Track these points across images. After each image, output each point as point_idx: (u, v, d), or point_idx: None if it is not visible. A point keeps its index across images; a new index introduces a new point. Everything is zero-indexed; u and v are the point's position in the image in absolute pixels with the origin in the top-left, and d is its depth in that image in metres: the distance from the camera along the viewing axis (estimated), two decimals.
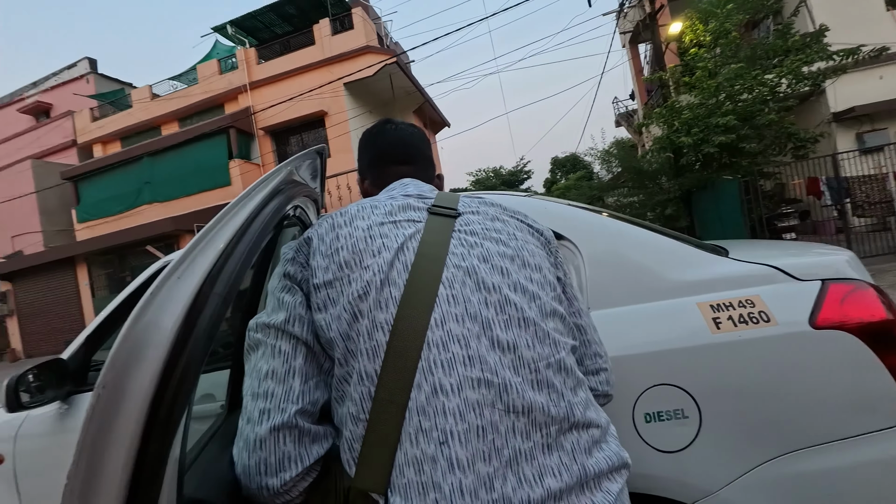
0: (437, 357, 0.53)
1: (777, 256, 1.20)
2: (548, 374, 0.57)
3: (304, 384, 0.57)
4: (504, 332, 0.57)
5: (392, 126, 0.88)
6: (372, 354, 0.54)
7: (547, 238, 0.75)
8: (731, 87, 6.10)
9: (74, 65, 15.94)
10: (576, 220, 1.22)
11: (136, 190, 12.05)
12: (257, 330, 0.61)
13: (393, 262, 0.59)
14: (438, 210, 0.68)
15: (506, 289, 0.60)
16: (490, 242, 0.65)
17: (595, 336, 0.77)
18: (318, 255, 0.62)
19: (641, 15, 8.09)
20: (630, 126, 13.94)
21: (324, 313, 0.58)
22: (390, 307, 0.56)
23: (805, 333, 0.95)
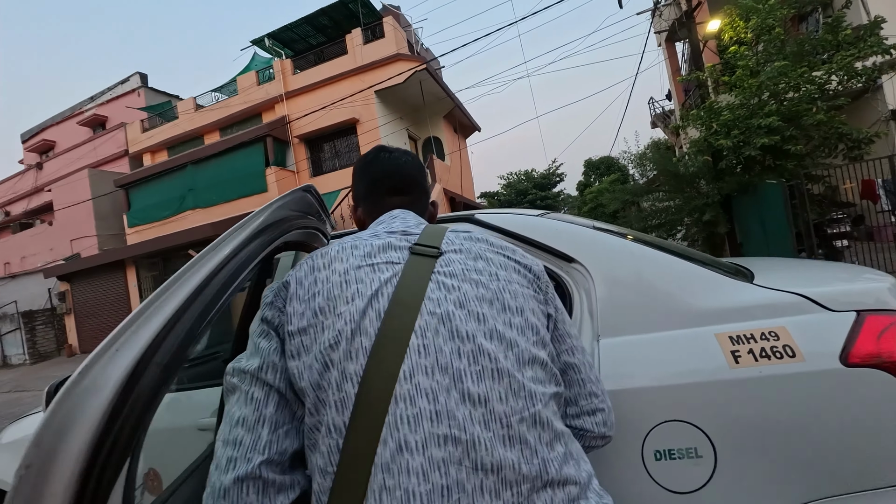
0: (403, 412, 0.52)
1: (808, 282, 1.11)
2: (521, 429, 0.54)
3: (273, 433, 0.57)
4: (476, 384, 0.55)
5: (386, 154, 0.87)
6: (341, 406, 0.54)
7: (535, 273, 0.72)
8: (776, 85, 5.76)
9: (127, 79, 17.03)
10: (588, 241, 1.18)
11: (180, 196, 12.70)
12: (233, 375, 0.61)
13: (366, 310, 0.58)
14: (420, 250, 0.66)
15: (481, 337, 0.58)
16: (469, 285, 0.63)
17: (591, 374, 0.74)
18: (294, 300, 0.62)
19: (677, 13, 7.79)
20: (666, 127, 13.45)
21: (297, 361, 0.58)
22: (360, 358, 0.55)
23: (835, 371, 0.87)
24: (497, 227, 1.23)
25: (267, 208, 0.71)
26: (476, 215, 1.28)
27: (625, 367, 0.98)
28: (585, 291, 1.11)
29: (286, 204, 0.78)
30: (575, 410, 0.71)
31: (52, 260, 14.61)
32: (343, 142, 12.28)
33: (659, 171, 7.90)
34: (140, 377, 0.45)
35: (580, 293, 1.12)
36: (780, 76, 5.60)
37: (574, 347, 0.73)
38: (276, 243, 0.73)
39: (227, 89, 13.94)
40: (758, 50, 6.30)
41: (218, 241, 0.60)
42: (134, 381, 0.44)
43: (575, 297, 1.12)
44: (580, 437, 0.70)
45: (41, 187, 16.79)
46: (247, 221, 0.66)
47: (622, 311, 1.06)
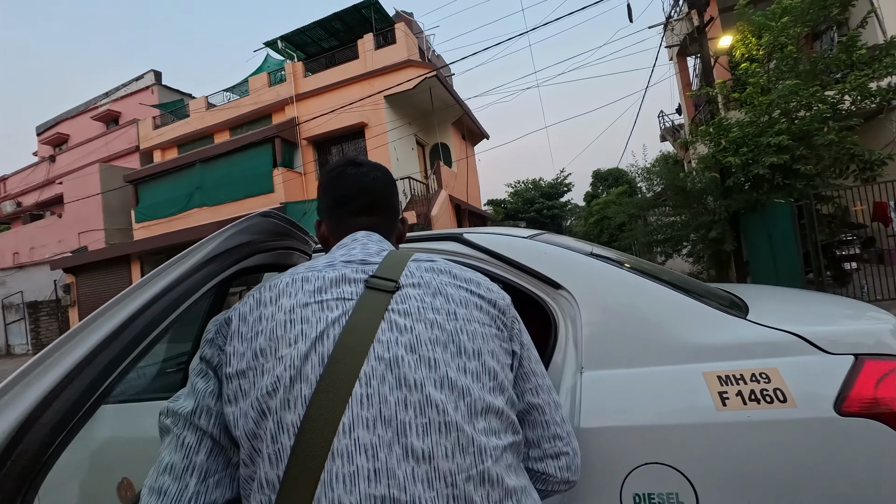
0: (339, 470, 0.48)
1: (804, 319, 1.06)
2: (467, 489, 0.50)
3: (201, 483, 0.53)
4: (420, 439, 0.51)
5: (354, 169, 0.80)
6: (275, 459, 0.50)
7: (500, 308, 0.67)
8: (787, 104, 5.69)
9: (142, 76, 17.26)
10: (576, 267, 1.14)
11: (188, 194, 12.78)
12: (167, 416, 0.58)
13: (308, 355, 0.53)
14: (376, 283, 0.61)
15: (430, 386, 0.54)
16: (423, 325, 0.58)
17: (556, 415, 0.70)
18: (236, 338, 0.57)
19: (689, 28, 7.75)
20: (676, 141, 13.35)
21: (233, 407, 0.54)
22: (298, 408, 0.50)
23: (828, 420, 0.82)
24: (484, 248, 1.19)
25: (218, 236, 0.68)
26: (464, 234, 1.25)
27: (607, 404, 0.94)
28: (571, 320, 1.07)
29: (243, 230, 0.74)
30: (537, 453, 0.67)
31: (60, 252, 14.76)
32: (351, 145, 12.32)
33: (666, 185, 7.82)
34: (20, 441, 0.41)
35: (566, 321, 1.07)
36: (792, 94, 5.53)
37: (539, 387, 0.69)
38: (231, 269, 0.70)
39: (239, 90, 14.07)
40: (769, 67, 6.24)
41: (156, 273, 0.56)
42: (12, 448, 0.41)
43: (560, 325, 1.08)
44: (543, 481, 0.67)
45: (53, 179, 17.02)
46: (192, 251, 0.62)
47: (608, 343, 1.01)
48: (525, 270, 1.13)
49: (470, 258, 1.19)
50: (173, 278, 0.57)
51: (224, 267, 0.68)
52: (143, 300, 0.54)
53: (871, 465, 0.80)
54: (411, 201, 10.95)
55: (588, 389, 0.95)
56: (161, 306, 0.56)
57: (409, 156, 12.43)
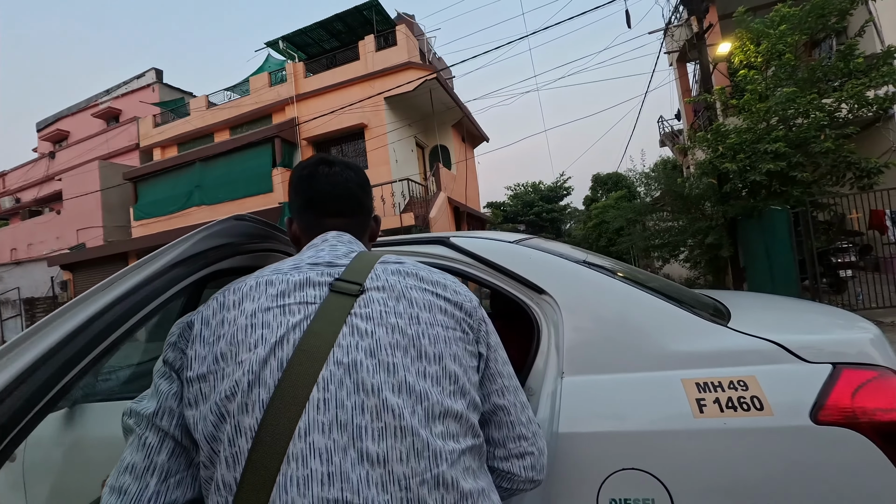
0: (294, 473, 0.48)
1: (785, 328, 1.07)
2: (421, 493, 0.51)
3: (162, 482, 0.54)
4: (375, 443, 0.51)
5: (326, 169, 0.79)
6: (232, 462, 0.50)
7: (466, 311, 0.68)
8: (784, 111, 5.71)
9: (143, 74, 17.29)
10: (561, 273, 1.14)
11: (187, 192, 12.79)
12: (130, 416, 0.58)
13: (267, 359, 0.54)
14: (340, 287, 0.62)
15: (387, 390, 0.54)
16: (384, 329, 0.59)
17: (522, 416, 0.70)
18: (198, 342, 0.58)
19: (689, 34, 7.78)
20: (675, 146, 13.39)
21: (193, 410, 0.55)
22: (256, 411, 0.51)
23: (804, 428, 0.82)
24: (470, 252, 1.20)
25: (186, 241, 0.68)
26: (450, 238, 1.25)
27: (586, 409, 0.94)
28: (554, 325, 1.07)
29: (216, 233, 0.74)
30: (503, 453, 0.68)
31: (58, 249, 14.75)
32: (351, 146, 12.33)
33: (664, 190, 7.85)
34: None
35: (549, 326, 1.08)
36: (789, 102, 5.55)
37: (505, 388, 0.69)
38: (202, 272, 0.70)
39: (240, 89, 14.09)
40: (767, 75, 6.26)
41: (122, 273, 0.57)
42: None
43: (543, 330, 1.08)
44: (508, 480, 0.68)
45: (52, 176, 17.02)
46: (157, 255, 0.62)
47: (589, 349, 1.02)
48: (509, 275, 1.14)
49: (456, 262, 1.20)
50: (139, 280, 0.57)
51: (194, 270, 0.68)
52: (106, 300, 0.55)
53: (846, 475, 0.80)
54: (410, 203, 10.96)
55: (568, 395, 0.96)
56: (125, 307, 0.57)
57: (409, 157, 12.44)
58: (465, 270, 1.18)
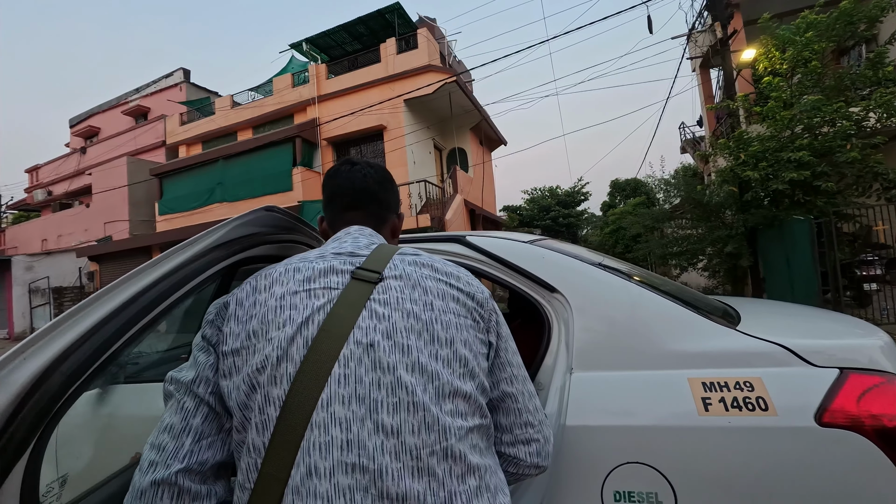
0: (317, 439, 0.54)
1: (795, 332, 1.08)
2: (430, 462, 0.56)
3: (195, 443, 0.59)
4: (390, 416, 0.56)
5: (347, 168, 0.87)
6: (262, 428, 0.56)
7: (478, 301, 0.72)
8: (809, 119, 5.59)
9: (171, 74, 17.78)
10: (572, 272, 1.18)
11: (209, 189, 13.11)
12: (170, 382, 0.65)
13: (294, 337, 0.59)
14: (361, 274, 0.67)
15: (401, 369, 0.59)
16: (400, 314, 0.63)
17: (529, 404, 0.74)
18: (233, 320, 0.64)
19: (712, 40, 7.68)
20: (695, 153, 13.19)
21: (227, 380, 0.60)
22: (283, 383, 0.56)
23: (808, 429, 0.84)
24: (484, 251, 1.24)
25: (223, 227, 0.75)
26: (466, 237, 1.30)
27: (593, 404, 0.97)
28: (564, 322, 1.10)
29: (248, 222, 0.81)
30: (509, 438, 0.72)
31: (86, 240, 15.27)
32: (369, 147, 12.48)
33: (684, 197, 7.74)
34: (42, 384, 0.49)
35: (559, 323, 1.11)
36: (815, 110, 5.44)
37: (514, 377, 0.73)
38: (234, 258, 0.76)
39: (263, 89, 14.39)
40: (793, 82, 6.15)
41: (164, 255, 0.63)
42: (36, 388, 0.49)
43: (554, 326, 1.12)
44: (514, 465, 0.72)
45: (83, 170, 17.62)
46: (196, 239, 0.69)
47: (599, 346, 1.05)
48: (522, 273, 1.17)
49: (471, 260, 1.24)
50: (181, 260, 0.64)
51: (228, 254, 0.75)
52: (153, 277, 0.61)
53: (848, 476, 0.82)
54: (426, 205, 11.03)
55: (576, 389, 0.99)
56: (168, 284, 0.64)
57: (426, 160, 12.53)
58: (479, 268, 1.23)
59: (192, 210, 13.28)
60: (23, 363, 0.50)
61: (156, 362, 2.09)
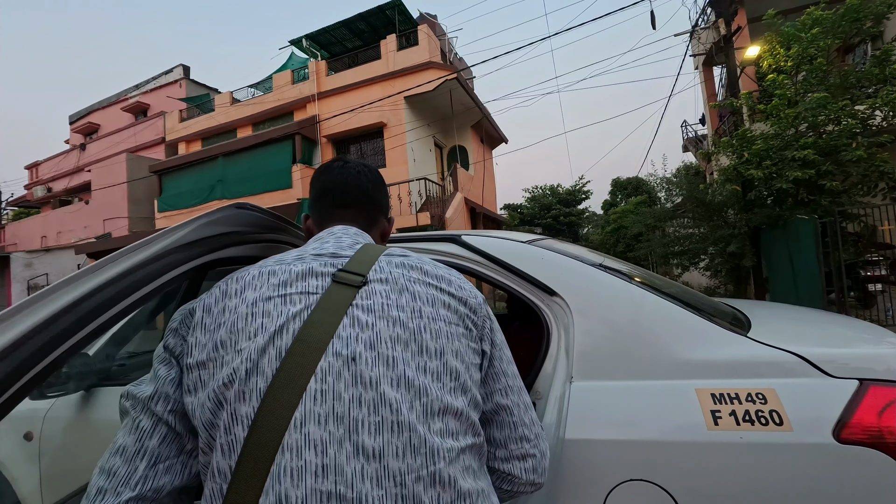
0: (288, 464, 0.48)
1: (809, 340, 1.02)
2: (416, 489, 0.50)
3: (150, 468, 0.54)
4: (372, 437, 0.50)
5: (340, 165, 0.83)
6: (227, 450, 0.50)
7: (471, 307, 0.66)
8: (814, 117, 5.52)
9: (171, 70, 17.70)
10: (574, 274, 1.12)
11: (209, 186, 13.06)
12: (126, 398, 0.59)
13: (266, 348, 0.53)
14: (343, 277, 0.61)
15: (385, 384, 0.53)
16: (385, 322, 0.58)
17: (525, 417, 0.69)
18: (199, 329, 0.58)
19: (716, 37, 7.59)
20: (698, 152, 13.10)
21: (192, 397, 0.54)
22: (253, 400, 0.50)
23: (825, 446, 0.78)
24: (481, 251, 1.18)
25: (186, 225, 0.68)
26: (462, 237, 1.24)
27: (595, 415, 0.91)
28: (565, 328, 1.04)
29: (216, 221, 0.74)
30: (504, 454, 0.67)
31: (86, 237, 15.23)
32: (369, 144, 12.42)
33: (686, 196, 7.67)
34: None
35: (559, 329, 1.05)
36: (820, 108, 5.36)
37: (509, 387, 0.68)
38: (200, 260, 0.70)
39: (263, 86, 14.33)
40: (797, 79, 6.06)
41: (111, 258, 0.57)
42: None
43: (553, 332, 1.06)
44: (509, 482, 0.67)
45: (82, 167, 17.58)
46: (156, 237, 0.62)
47: (600, 354, 0.99)
48: (520, 275, 1.11)
49: (466, 260, 1.18)
50: (134, 262, 0.58)
51: (193, 256, 0.68)
52: (98, 281, 0.55)
53: (869, 498, 0.76)
54: (426, 203, 10.97)
55: (576, 400, 0.93)
56: (116, 289, 0.57)
57: (427, 157, 12.46)
58: (475, 269, 1.17)
59: (193, 207, 13.22)
60: None
61: (145, 363, 2.04)
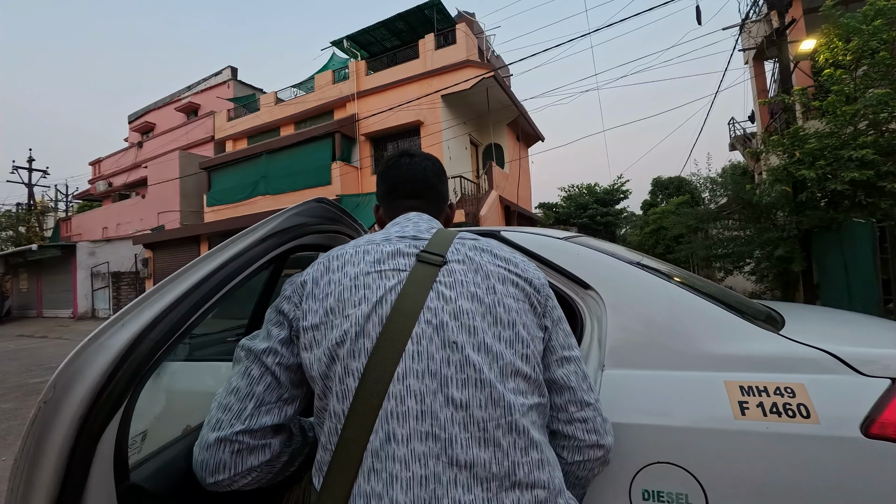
0: (394, 408, 0.59)
1: (842, 339, 1.03)
2: (496, 434, 0.60)
3: (256, 408, 0.66)
4: (459, 391, 0.61)
5: (407, 160, 0.92)
6: (341, 396, 0.61)
7: (535, 287, 0.75)
8: (875, 114, 5.19)
9: (220, 72, 18.60)
10: (607, 269, 1.17)
11: (253, 182, 13.68)
12: (241, 349, 0.71)
13: (370, 315, 0.64)
14: (426, 257, 0.71)
15: (469, 348, 0.63)
16: (465, 299, 0.67)
17: (583, 384, 0.76)
18: (310, 298, 0.69)
19: (768, 30, 7.24)
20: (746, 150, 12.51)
21: (309, 353, 0.66)
22: (361, 357, 0.62)
23: (852, 440, 0.81)
24: (519, 246, 1.25)
25: (280, 216, 0.81)
26: (501, 232, 1.31)
27: (624, 401, 0.97)
28: (597, 319, 1.10)
29: (300, 212, 0.87)
30: (565, 417, 0.74)
31: (141, 229, 16.31)
32: (406, 142, 12.62)
33: (731, 197, 7.38)
34: (136, 348, 0.58)
35: (592, 320, 1.11)
36: (881, 104, 5.03)
37: (568, 358, 0.76)
38: (288, 245, 0.82)
39: (305, 86, 14.82)
40: (857, 74, 5.71)
41: (228, 242, 0.70)
42: (131, 351, 0.57)
43: (587, 323, 1.12)
44: (575, 449, 0.74)
45: (140, 164, 18.79)
46: (257, 227, 0.75)
47: (632, 344, 1.04)
48: (556, 269, 1.18)
49: None
50: (243, 246, 0.71)
51: (282, 242, 0.81)
52: (220, 260, 0.69)
53: (893, 491, 0.78)
54: (461, 200, 11.05)
55: (607, 386, 0.99)
56: (233, 267, 0.71)
57: (462, 155, 12.54)
58: None
59: (238, 202, 13.89)
60: (120, 329, 0.58)
61: (198, 345, 2.23)
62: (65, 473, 0.52)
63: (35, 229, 22.05)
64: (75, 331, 12.48)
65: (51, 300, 16.88)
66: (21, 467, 0.51)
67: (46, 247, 15.88)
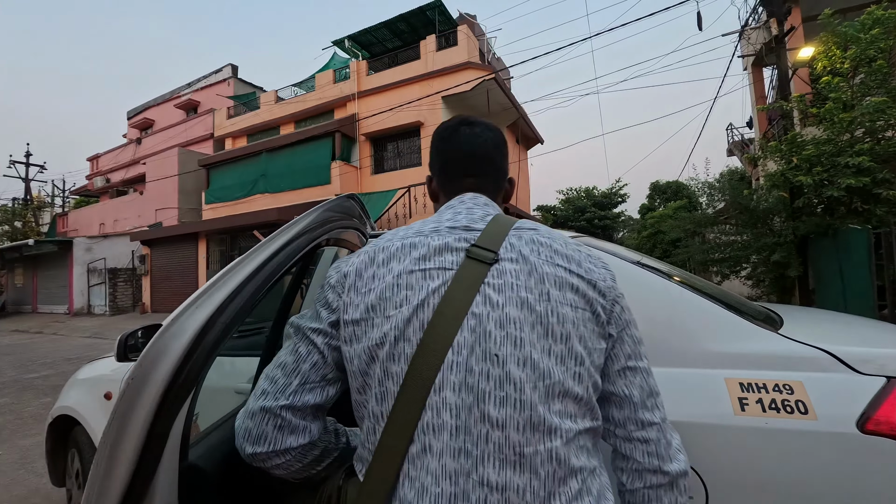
0: (430, 420, 0.58)
1: (840, 339, 1.06)
2: (534, 461, 0.56)
3: (301, 385, 0.66)
4: (496, 409, 0.57)
5: (467, 129, 0.81)
6: (380, 398, 0.61)
7: (601, 290, 0.66)
8: (872, 122, 5.25)
9: (220, 69, 18.59)
10: None
11: (253, 181, 13.66)
12: (291, 326, 0.72)
13: (411, 319, 0.61)
14: (476, 253, 0.65)
15: (511, 363, 0.58)
16: (514, 304, 0.61)
17: (648, 400, 0.67)
18: (352, 291, 0.66)
19: (767, 37, 7.30)
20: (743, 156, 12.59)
21: (349, 347, 0.65)
22: (401, 362, 0.60)
23: (849, 436, 0.83)
24: None
25: (316, 210, 0.85)
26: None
27: None
28: None
29: (332, 207, 0.90)
30: (623, 434, 0.67)
31: (139, 225, 16.27)
32: (406, 143, 12.64)
33: (729, 202, 7.43)
34: (208, 331, 0.62)
35: None
36: (878, 112, 5.09)
37: (633, 368, 0.68)
38: (319, 239, 0.86)
39: (306, 85, 14.83)
40: (854, 82, 5.77)
41: (275, 234, 0.75)
42: (203, 333, 0.61)
43: None
44: (635, 473, 0.66)
45: (138, 160, 18.75)
46: (299, 219, 0.80)
47: None
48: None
49: None
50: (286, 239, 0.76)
51: (317, 236, 0.85)
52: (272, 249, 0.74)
53: (887, 486, 0.80)
54: None
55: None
56: (283, 256, 0.76)
57: None
58: None
59: (237, 200, 13.87)
60: (195, 311, 0.62)
61: None
62: (143, 447, 0.55)
63: (31, 224, 21.94)
64: (71, 327, 12.43)
65: (46, 296, 16.80)
66: (107, 442, 0.55)
67: (43, 242, 15.79)
